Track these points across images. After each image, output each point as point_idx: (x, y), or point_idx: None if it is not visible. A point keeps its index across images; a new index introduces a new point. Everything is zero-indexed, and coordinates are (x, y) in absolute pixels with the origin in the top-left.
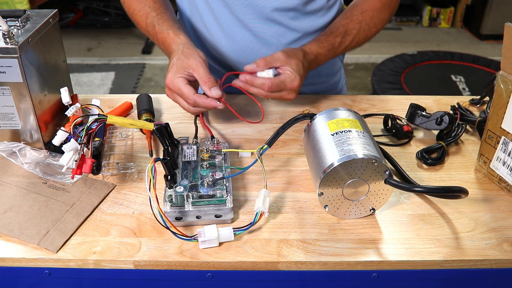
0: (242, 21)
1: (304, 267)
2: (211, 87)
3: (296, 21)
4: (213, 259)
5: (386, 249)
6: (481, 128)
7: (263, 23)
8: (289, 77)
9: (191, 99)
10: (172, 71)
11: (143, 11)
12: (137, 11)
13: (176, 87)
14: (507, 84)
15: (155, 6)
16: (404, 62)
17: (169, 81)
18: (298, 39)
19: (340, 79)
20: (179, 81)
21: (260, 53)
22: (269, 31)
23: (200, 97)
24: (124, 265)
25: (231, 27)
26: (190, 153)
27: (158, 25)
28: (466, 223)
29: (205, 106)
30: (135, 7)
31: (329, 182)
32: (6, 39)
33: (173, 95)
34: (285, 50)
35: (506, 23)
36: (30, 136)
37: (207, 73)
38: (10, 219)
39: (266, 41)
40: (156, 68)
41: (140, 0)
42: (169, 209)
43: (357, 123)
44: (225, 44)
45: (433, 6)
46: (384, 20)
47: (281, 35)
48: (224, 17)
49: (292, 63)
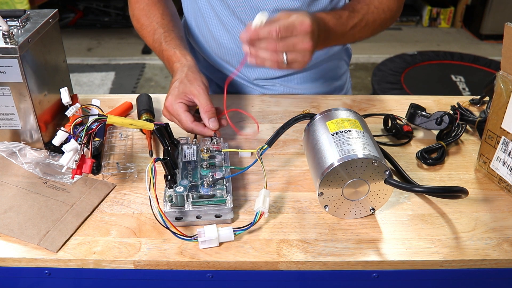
0: (244, 22)
1: (304, 267)
2: (210, 117)
3: None
4: (213, 259)
5: (386, 249)
6: (481, 128)
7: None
8: (297, 18)
9: (189, 127)
10: (173, 95)
11: (151, 27)
12: (145, 26)
13: (175, 113)
14: (507, 84)
15: (163, 22)
16: (404, 62)
17: (168, 104)
18: None
19: (345, 82)
20: (179, 107)
21: None
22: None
23: (198, 126)
24: (124, 265)
25: (235, 28)
26: (190, 153)
27: (165, 43)
28: (466, 223)
29: (200, 134)
30: (143, 22)
31: (329, 182)
32: (6, 39)
33: (171, 117)
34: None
35: (506, 23)
36: (30, 136)
37: (208, 102)
38: (10, 219)
39: None
40: (156, 68)
41: (148, 15)
42: (169, 209)
43: (357, 123)
44: (229, 45)
45: (433, 6)
46: (392, 9)
47: None
48: (227, 19)
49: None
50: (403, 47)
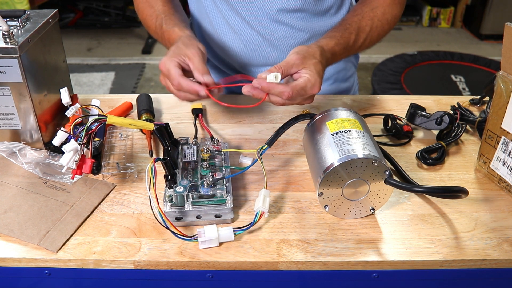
0: (249, 23)
1: (304, 267)
2: (203, 73)
3: (304, 21)
4: (213, 259)
5: (386, 249)
6: (481, 128)
7: (270, 24)
8: (309, 82)
9: (176, 80)
10: (167, 56)
11: (154, 15)
12: (148, 16)
13: (166, 68)
14: (507, 84)
15: (164, 9)
16: (404, 62)
17: (161, 63)
18: (308, 40)
19: (353, 84)
20: (170, 63)
21: (269, 54)
22: (277, 32)
23: (185, 80)
24: (124, 265)
25: (240, 28)
26: (190, 153)
27: (165, 25)
28: (466, 223)
29: (188, 90)
30: (147, 12)
31: (329, 182)
32: (6, 39)
33: (164, 79)
34: (300, 51)
35: (506, 23)
36: (30, 136)
37: (202, 63)
38: (10, 219)
39: (275, 43)
40: (156, 68)
41: (150, 6)
42: (169, 209)
43: (357, 123)
44: (234, 45)
45: (433, 6)
46: (396, 16)
47: (290, 36)
48: (232, 19)
49: (310, 64)
50: (403, 47)
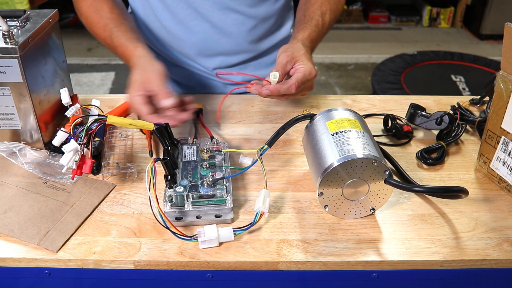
0: (201, 13)
1: (304, 267)
2: (160, 99)
3: (254, 8)
4: (213, 259)
5: (386, 249)
6: (481, 128)
7: (222, 13)
8: (306, 70)
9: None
10: (132, 90)
11: (101, 23)
12: (94, 23)
13: (135, 108)
14: (507, 84)
15: (112, 17)
16: (404, 62)
17: (130, 101)
18: (256, 26)
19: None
20: (137, 100)
21: (220, 43)
22: (229, 20)
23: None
24: (124, 265)
25: (189, 20)
26: (190, 153)
27: (116, 38)
28: (466, 223)
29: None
30: (93, 19)
31: (329, 182)
32: (6, 39)
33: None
34: (287, 50)
35: (506, 23)
36: (30, 136)
37: (162, 86)
38: (10, 219)
39: (226, 30)
40: None
41: (97, 11)
42: (169, 209)
43: (357, 123)
44: (184, 38)
45: (433, 6)
46: None
47: (240, 23)
48: (181, 11)
49: (301, 56)
50: (403, 47)
